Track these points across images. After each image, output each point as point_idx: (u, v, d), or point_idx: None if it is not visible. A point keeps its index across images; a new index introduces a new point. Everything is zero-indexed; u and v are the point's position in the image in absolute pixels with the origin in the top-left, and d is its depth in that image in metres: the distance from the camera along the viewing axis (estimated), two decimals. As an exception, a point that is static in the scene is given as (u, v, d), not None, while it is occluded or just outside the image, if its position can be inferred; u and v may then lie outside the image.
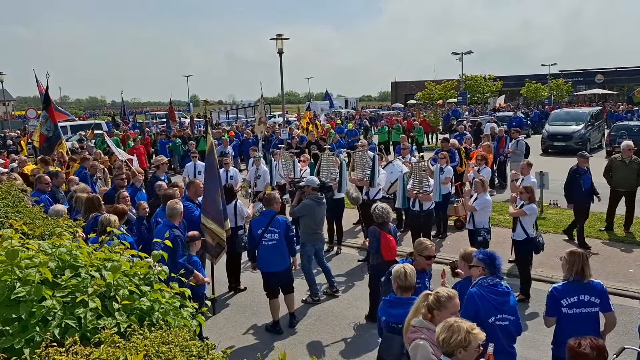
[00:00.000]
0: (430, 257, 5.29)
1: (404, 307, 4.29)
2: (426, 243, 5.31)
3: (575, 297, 4.59)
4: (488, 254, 4.61)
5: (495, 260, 4.54)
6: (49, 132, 13.34)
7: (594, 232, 10.48)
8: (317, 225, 7.97)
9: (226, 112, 53.43)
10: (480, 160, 11.35)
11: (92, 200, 7.26)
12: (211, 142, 7.76)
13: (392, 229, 6.92)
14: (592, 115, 24.56)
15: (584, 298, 4.58)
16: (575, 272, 4.63)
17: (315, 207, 7.92)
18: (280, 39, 20.27)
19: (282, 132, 19.99)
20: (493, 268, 4.51)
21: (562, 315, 4.64)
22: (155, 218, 7.37)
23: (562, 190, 10.43)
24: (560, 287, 4.69)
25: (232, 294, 8.44)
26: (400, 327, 4.19)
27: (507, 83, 58.76)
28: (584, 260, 4.66)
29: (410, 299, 4.35)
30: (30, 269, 2.61)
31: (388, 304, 4.49)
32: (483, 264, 4.55)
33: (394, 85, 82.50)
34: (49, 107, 13.48)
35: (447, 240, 10.60)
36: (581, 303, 4.58)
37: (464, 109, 39.43)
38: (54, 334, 2.36)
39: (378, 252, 6.76)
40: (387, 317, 4.42)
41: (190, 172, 12.68)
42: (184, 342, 2.23)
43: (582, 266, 4.63)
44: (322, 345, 6.71)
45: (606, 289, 4.67)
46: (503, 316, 4.32)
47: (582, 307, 4.58)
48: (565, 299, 4.61)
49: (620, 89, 61.54)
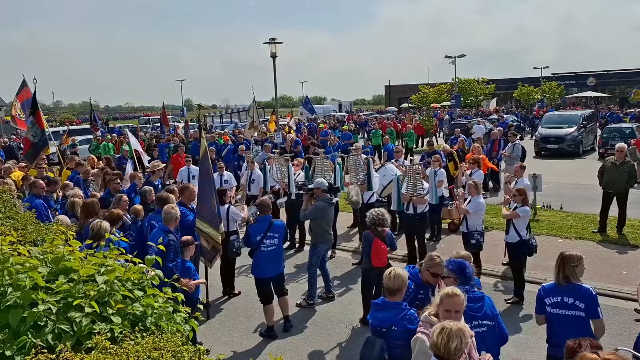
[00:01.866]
0: (437, 275, 5.10)
1: (389, 311, 4.30)
2: (435, 259, 5.16)
3: (559, 298, 4.64)
4: (457, 264, 4.62)
5: (465, 269, 4.56)
6: (34, 138, 13.08)
7: (587, 234, 10.53)
8: (328, 226, 8.06)
9: (220, 116, 53.37)
10: (472, 164, 11.39)
11: (90, 205, 7.23)
12: (205, 147, 7.76)
13: (388, 235, 6.90)
14: (584, 117, 24.70)
15: (567, 300, 4.60)
16: (563, 275, 4.68)
17: (326, 208, 8.01)
18: (274, 43, 20.31)
19: (275, 136, 19.98)
20: (464, 277, 4.52)
21: (548, 315, 4.72)
22: (149, 221, 7.34)
23: (556, 191, 10.46)
24: (547, 286, 4.80)
25: (226, 299, 8.41)
26: (385, 331, 4.21)
27: (500, 86, 58.97)
28: (571, 265, 4.66)
29: (397, 304, 4.35)
30: (21, 274, 2.59)
31: (375, 307, 4.49)
32: (454, 274, 4.57)
33: (388, 89, 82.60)
34: (37, 113, 13.29)
35: (441, 243, 10.62)
36: (564, 304, 4.61)
37: (457, 113, 39.54)
38: (47, 339, 2.34)
39: (368, 257, 6.76)
40: (373, 320, 4.42)
41: (184, 177, 12.64)
42: (176, 347, 2.22)
43: (568, 272, 4.65)
44: (317, 349, 6.70)
45: (596, 295, 4.62)
46: (480, 322, 4.29)
47: (565, 309, 4.60)
48: (548, 298, 4.69)
49: (612, 91, 61.93)
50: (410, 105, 50.31)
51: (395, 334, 4.20)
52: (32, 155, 13.06)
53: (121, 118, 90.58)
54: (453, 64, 42.37)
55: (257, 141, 19.26)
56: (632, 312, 7.12)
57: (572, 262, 4.67)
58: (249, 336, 7.15)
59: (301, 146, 18.46)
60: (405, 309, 4.34)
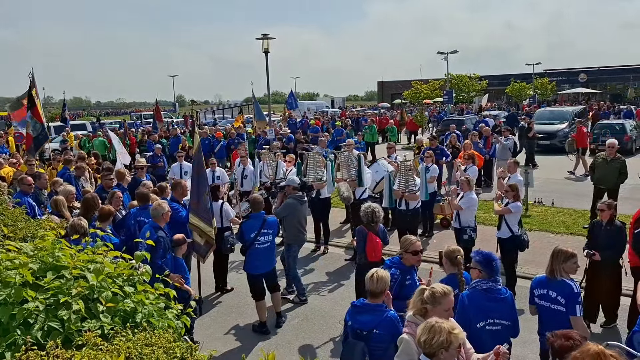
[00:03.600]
0: (417, 252, 5.27)
1: (371, 314, 4.21)
2: (411, 239, 5.31)
3: (544, 290, 4.75)
4: (484, 256, 4.54)
5: (491, 262, 4.47)
6: (34, 132, 13.17)
7: (578, 229, 10.59)
8: (301, 225, 7.97)
9: (212, 112, 53.14)
10: (467, 160, 11.42)
11: (90, 200, 7.18)
12: (198, 142, 7.73)
13: (381, 229, 6.88)
14: (575, 113, 24.79)
15: (551, 294, 4.68)
16: (550, 268, 4.78)
17: (297, 205, 7.93)
18: (266, 39, 20.27)
19: (268, 132, 19.94)
20: (490, 270, 4.45)
21: (537, 306, 4.84)
22: (135, 218, 7.27)
23: (547, 187, 10.51)
24: (537, 278, 4.92)
25: (218, 295, 8.39)
26: (366, 334, 4.14)
27: (492, 82, 59.19)
28: (558, 260, 4.73)
29: (378, 306, 4.24)
30: (11, 270, 2.57)
31: (356, 309, 4.35)
32: (480, 266, 4.50)
33: (380, 85, 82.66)
34: (34, 108, 13.28)
35: (434, 239, 10.64)
36: (548, 297, 4.71)
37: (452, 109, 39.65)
38: (36, 337, 2.32)
39: (363, 252, 6.75)
40: (354, 323, 4.28)
41: (176, 173, 12.58)
42: (168, 343, 2.21)
43: (555, 266, 4.73)
44: (310, 345, 6.70)
45: (578, 293, 4.64)
46: (495, 321, 4.28)
47: (549, 302, 4.70)
48: (537, 289, 4.82)
49: (603, 87, 62.36)
50: (403, 101, 50.39)
51: (377, 337, 4.11)
52: (35, 150, 13.14)
53: (113, 114, 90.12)
54: (445, 60, 42.49)
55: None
56: (623, 307, 7.13)
57: (560, 258, 4.72)
58: (241, 332, 7.14)
59: (294, 142, 18.46)
60: (387, 311, 4.23)
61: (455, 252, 4.99)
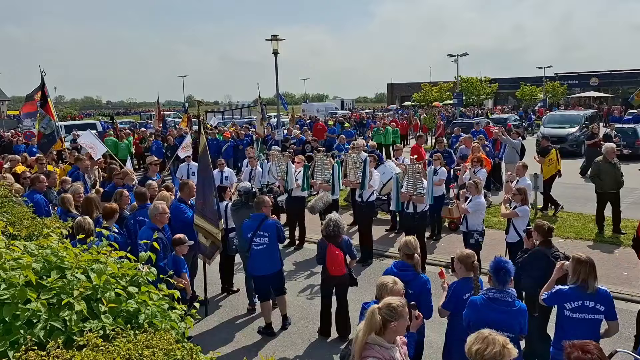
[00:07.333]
0: (411, 256, 5.31)
1: None
2: (411, 242, 5.40)
3: (579, 302, 4.56)
4: (494, 263, 4.52)
5: (498, 271, 4.42)
6: (45, 130, 13.32)
7: (588, 234, 10.49)
8: None
9: (222, 112, 53.30)
10: (476, 162, 11.34)
11: (90, 200, 7.20)
12: (204, 143, 7.72)
13: (345, 242, 6.65)
14: (586, 117, 24.58)
15: (588, 304, 4.53)
16: (582, 280, 4.59)
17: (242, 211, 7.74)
18: (276, 40, 20.21)
19: (277, 133, 19.92)
20: (496, 278, 4.44)
21: (565, 319, 4.62)
22: (134, 217, 7.28)
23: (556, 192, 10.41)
24: (566, 290, 4.65)
25: (224, 296, 8.39)
26: None
27: (503, 85, 58.86)
28: (589, 270, 4.59)
29: None
30: (15, 270, 2.57)
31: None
32: (490, 272, 4.49)
33: (390, 87, 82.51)
34: (46, 105, 13.44)
35: (442, 242, 10.58)
36: (585, 309, 4.54)
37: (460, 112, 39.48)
38: (39, 336, 2.32)
39: (323, 264, 6.59)
40: None
41: (184, 173, 12.61)
42: (169, 345, 2.19)
43: (586, 277, 4.58)
44: (315, 346, 6.68)
45: (612, 296, 4.61)
46: (497, 331, 4.23)
47: (584, 313, 4.54)
48: (569, 303, 4.59)
49: (615, 91, 61.76)
50: (413, 103, 50.23)
51: None
52: (47, 146, 13.31)
53: (123, 113, 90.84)
54: (455, 63, 42.26)
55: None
56: (631, 313, 7.05)
57: (588, 267, 4.61)
58: (247, 333, 7.13)
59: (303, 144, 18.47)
60: None
61: (471, 257, 4.97)
